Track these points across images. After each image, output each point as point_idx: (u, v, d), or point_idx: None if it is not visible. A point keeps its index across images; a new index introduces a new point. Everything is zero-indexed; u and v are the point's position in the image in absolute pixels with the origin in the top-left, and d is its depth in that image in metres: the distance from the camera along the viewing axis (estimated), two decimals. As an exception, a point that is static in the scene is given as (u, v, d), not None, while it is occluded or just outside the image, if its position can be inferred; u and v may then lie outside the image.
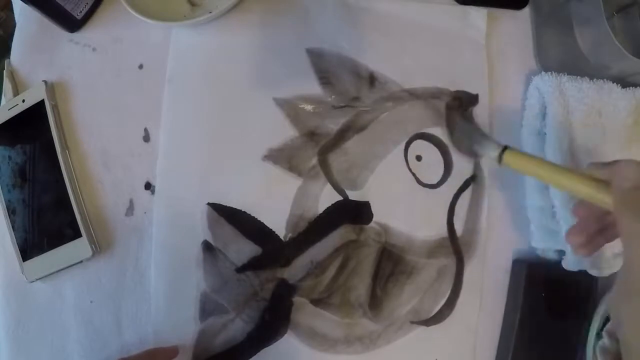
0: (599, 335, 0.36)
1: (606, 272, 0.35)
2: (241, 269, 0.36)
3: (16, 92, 0.40)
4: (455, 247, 0.38)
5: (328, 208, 0.37)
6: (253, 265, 0.36)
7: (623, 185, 0.23)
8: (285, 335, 0.36)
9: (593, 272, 0.35)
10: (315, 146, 0.38)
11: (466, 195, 0.39)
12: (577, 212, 0.29)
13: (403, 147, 0.39)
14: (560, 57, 0.41)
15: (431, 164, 0.39)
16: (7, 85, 0.40)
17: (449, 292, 0.38)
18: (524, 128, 0.40)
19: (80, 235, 0.36)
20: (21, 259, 0.38)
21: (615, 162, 0.24)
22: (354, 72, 0.40)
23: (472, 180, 0.39)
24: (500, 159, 0.29)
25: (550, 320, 0.36)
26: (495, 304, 0.38)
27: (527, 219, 0.39)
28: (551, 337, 0.36)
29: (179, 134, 0.38)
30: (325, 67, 0.40)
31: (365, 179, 0.38)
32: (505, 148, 0.29)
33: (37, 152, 0.39)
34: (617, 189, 0.23)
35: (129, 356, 0.34)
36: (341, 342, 0.36)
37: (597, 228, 0.28)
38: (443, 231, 0.38)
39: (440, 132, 0.40)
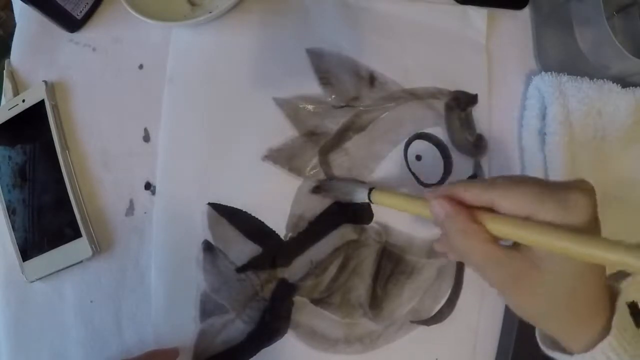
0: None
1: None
2: (241, 269, 0.36)
3: (16, 92, 0.40)
4: (456, 247, 0.38)
5: (328, 208, 0.37)
6: (253, 265, 0.36)
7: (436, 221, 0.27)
8: (286, 335, 0.36)
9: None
10: (316, 146, 0.38)
11: (466, 195, 0.39)
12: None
13: (403, 147, 0.39)
14: (560, 57, 0.41)
15: (431, 163, 0.39)
16: (7, 85, 0.40)
17: (449, 292, 0.38)
18: (524, 128, 0.40)
19: (80, 235, 0.36)
20: (21, 259, 0.38)
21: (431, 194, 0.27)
22: (354, 72, 0.40)
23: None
24: (369, 197, 0.33)
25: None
26: (495, 304, 0.38)
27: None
28: (551, 337, 0.36)
29: (179, 134, 0.38)
30: (325, 67, 0.40)
31: (365, 178, 0.38)
32: (371, 189, 0.33)
33: (37, 152, 0.38)
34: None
35: (128, 358, 0.34)
36: (341, 341, 0.36)
37: None
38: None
39: (439, 132, 0.40)
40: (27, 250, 0.38)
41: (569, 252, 0.22)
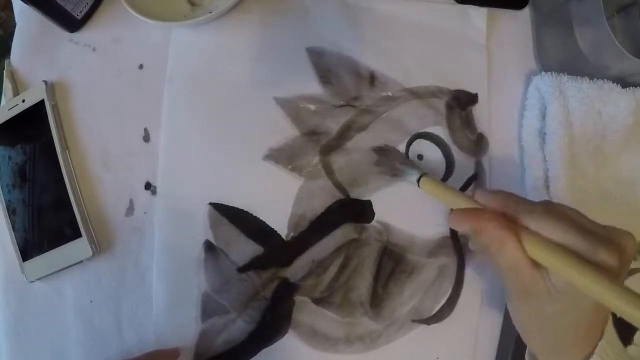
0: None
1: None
2: (243, 269, 0.36)
3: (16, 92, 0.40)
4: (457, 246, 0.38)
5: (329, 207, 0.37)
6: (255, 264, 0.36)
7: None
8: (287, 334, 0.36)
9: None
10: (316, 146, 0.38)
11: (468, 193, 0.39)
12: None
13: (404, 146, 0.39)
14: (560, 57, 0.41)
15: (433, 163, 0.39)
16: (7, 85, 0.40)
17: (449, 291, 0.38)
18: (524, 128, 0.40)
19: (80, 235, 0.36)
20: (21, 259, 0.37)
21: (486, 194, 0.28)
22: (355, 72, 0.40)
23: (474, 179, 0.39)
24: (418, 183, 0.34)
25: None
26: (495, 304, 0.38)
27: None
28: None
29: (179, 134, 0.38)
30: (325, 66, 0.40)
31: (367, 178, 0.38)
32: (422, 174, 0.34)
33: (37, 152, 0.38)
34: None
35: (129, 359, 0.33)
36: (342, 341, 0.36)
37: None
38: (444, 230, 0.38)
39: (440, 131, 0.40)
40: (27, 250, 0.38)
41: (604, 299, 0.22)
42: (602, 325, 0.27)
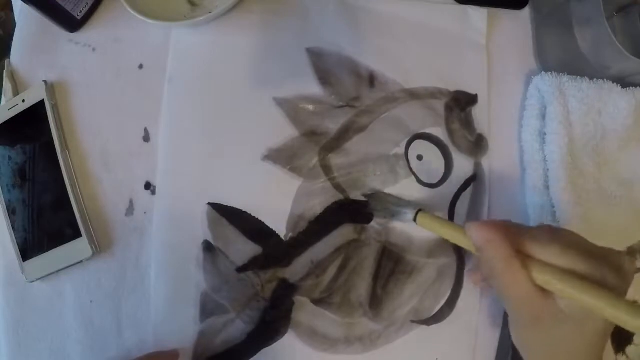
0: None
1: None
2: (242, 269, 0.36)
3: (16, 92, 0.40)
4: (456, 246, 0.38)
5: (328, 208, 0.37)
6: (254, 265, 0.36)
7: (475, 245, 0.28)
8: (286, 335, 0.36)
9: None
10: (316, 146, 0.38)
11: (467, 194, 0.39)
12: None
13: (404, 147, 0.39)
14: (560, 57, 0.41)
15: (432, 163, 0.39)
16: (7, 85, 0.40)
17: (449, 291, 0.38)
18: (523, 128, 0.40)
19: (80, 235, 0.36)
20: (21, 259, 0.37)
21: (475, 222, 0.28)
22: (354, 72, 0.40)
23: (473, 179, 0.39)
24: (415, 219, 0.34)
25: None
26: (495, 304, 0.38)
27: (528, 218, 0.39)
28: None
29: (179, 134, 0.38)
30: (325, 67, 0.40)
31: (366, 178, 0.38)
32: (418, 211, 0.35)
33: (37, 152, 0.38)
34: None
35: None
36: (342, 342, 0.36)
37: None
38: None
39: (440, 132, 0.40)
40: (27, 250, 0.38)
41: (618, 319, 0.23)
42: (602, 349, 0.27)
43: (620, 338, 0.36)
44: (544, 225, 0.28)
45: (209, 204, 0.37)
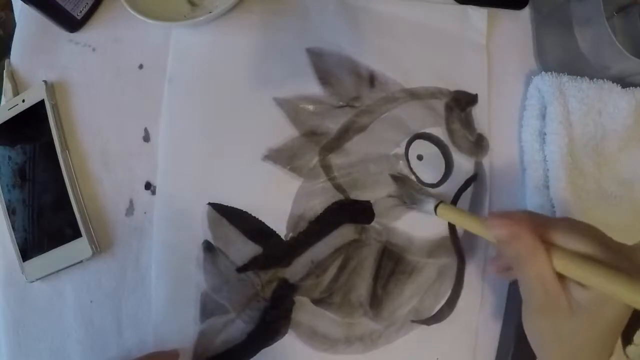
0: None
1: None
2: (242, 269, 0.36)
3: (16, 92, 0.40)
4: (456, 246, 0.38)
5: (329, 208, 0.37)
6: (254, 265, 0.36)
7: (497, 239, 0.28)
8: (286, 335, 0.36)
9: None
10: (316, 146, 0.38)
11: (467, 194, 0.39)
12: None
13: (404, 147, 0.39)
14: (560, 57, 0.41)
15: (432, 163, 0.39)
16: (7, 85, 0.40)
17: (449, 291, 0.38)
18: (523, 128, 0.40)
19: (80, 235, 0.36)
20: (21, 259, 0.37)
21: (495, 217, 0.28)
22: (354, 72, 0.40)
23: (473, 179, 0.39)
24: (435, 211, 0.35)
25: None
26: (495, 304, 0.38)
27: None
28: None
29: (179, 134, 0.38)
30: (325, 67, 0.40)
31: (366, 178, 0.38)
32: (439, 202, 0.35)
33: (37, 152, 0.38)
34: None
35: None
36: (342, 342, 0.36)
37: None
38: (444, 230, 0.38)
39: (440, 132, 0.40)
40: (27, 250, 0.38)
41: (637, 303, 0.23)
42: (614, 342, 0.28)
43: (622, 337, 0.36)
44: (563, 217, 0.28)
45: (209, 204, 0.37)
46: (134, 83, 0.40)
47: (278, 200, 0.37)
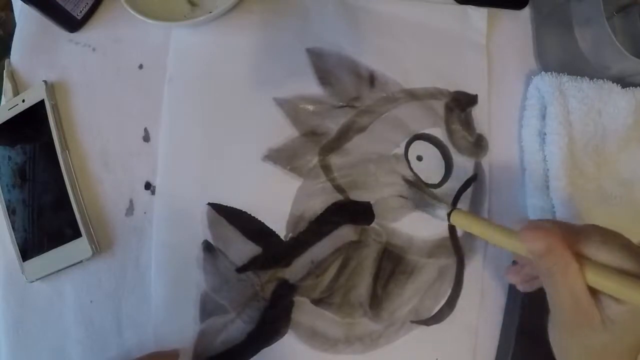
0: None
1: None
2: (241, 269, 0.36)
3: (16, 92, 0.40)
4: (456, 247, 0.38)
5: (328, 208, 0.37)
6: (253, 265, 0.36)
7: (531, 251, 0.26)
8: (286, 335, 0.36)
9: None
10: (316, 146, 0.38)
11: (467, 195, 0.39)
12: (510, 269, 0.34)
13: (404, 147, 0.39)
14: (560, 57, 0.41)
15: (432, 164, 0.39)
16: (7, 85, 0.40)
17: (449, 291, 0.38)
18: (523, 128, 0.40)
19: (80, 235, 0.36)
20: (21, 259, 0.38)
21: (529, 230, 0.27)
22: (354, 72, 0.40)
23: (473, 180, 0.39)
24: (449, 218, 0.33)
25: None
26: (495, 304, 0.38)
27: (528, 218, 0.39)
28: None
29: (179, 134, 0.38)
30: (325, 67, 0.40)
31: (366, 179, 0.38)
32: (453, 209, 0.33)
33: (37, 152, 0.38)
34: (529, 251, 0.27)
35: None
36: (342, 342, 0.36)
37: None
38: (444, 231, 0.38)
39: (440, 132, 0.40)
40: (27, 250, 0.38)
41: None
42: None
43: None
44: (590, 224, 0.28)
45: (209, 204, 0.37)
46: (134, 83, 0.40)
47: (278, 201, 0.37)
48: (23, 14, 0.42)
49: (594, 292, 0.25)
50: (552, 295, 0.26)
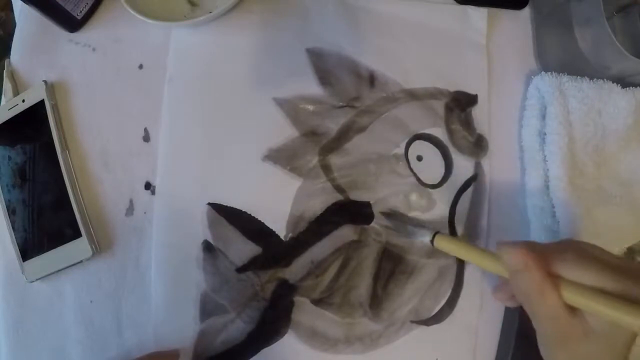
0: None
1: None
2: (241, 269, 0.36)
3: (16, 92, 0.40)
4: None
5: (328, 208, 0.37)
6: (253, 265, 0.36)
7: (510, 270, 0.27)
8: (286, 335, 0.36)
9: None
10: (316, 146, 0.38)
11: (467, 195, 0.39)
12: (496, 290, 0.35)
13: (404, 147, 0.39)
14: (560, 57, 0.41)
15: (432, 164, 0.39)
16: (7, 85, 0.40)
17: (449, 291, 0.38)
18: (523, 128, 0.40)
19: (80, 235, 0.36)
20: (21, 259, 0.38)
21: (507, 245, 0.28)
22: (354, 72, 0.40)
23: (473, 180, 0.39)
24: (432, 242, 0.34)
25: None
26: (495, 304, 0.38)
27: (528, 219, 0.39)
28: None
29: (178, 134, 0.38)
30: (325, 67, 0.40)
31: (366, 179, 0.38)
32: (435, 233, 0.34)
33: (37, 152, 0.38)
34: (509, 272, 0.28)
35: None
36: (342, 342, 0.36)
37: None
38: (444, 231, 0.38)
39: (440, 132, 0.40)
40: (27, 250, 0.38)
41: None
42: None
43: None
44: (566, 239, 0.28)
45: (209, 204, 0.37)
46: (134, 83, 0.40)
47: (278, 201, 0.37)
48: (23, 14, 0.42)
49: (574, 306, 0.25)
50: (531, 315, 0.27)
